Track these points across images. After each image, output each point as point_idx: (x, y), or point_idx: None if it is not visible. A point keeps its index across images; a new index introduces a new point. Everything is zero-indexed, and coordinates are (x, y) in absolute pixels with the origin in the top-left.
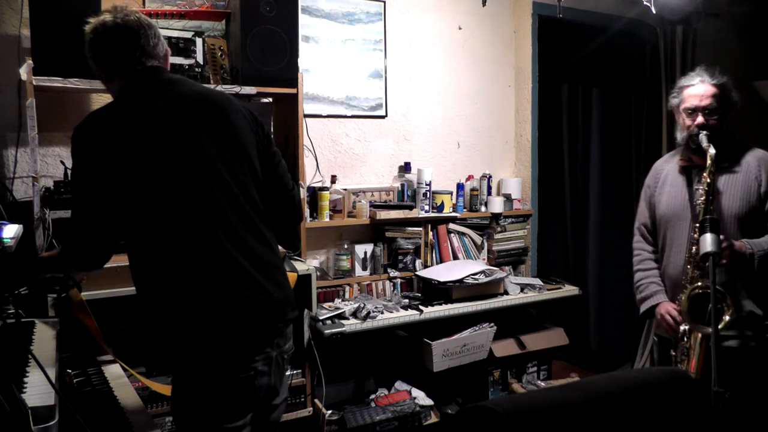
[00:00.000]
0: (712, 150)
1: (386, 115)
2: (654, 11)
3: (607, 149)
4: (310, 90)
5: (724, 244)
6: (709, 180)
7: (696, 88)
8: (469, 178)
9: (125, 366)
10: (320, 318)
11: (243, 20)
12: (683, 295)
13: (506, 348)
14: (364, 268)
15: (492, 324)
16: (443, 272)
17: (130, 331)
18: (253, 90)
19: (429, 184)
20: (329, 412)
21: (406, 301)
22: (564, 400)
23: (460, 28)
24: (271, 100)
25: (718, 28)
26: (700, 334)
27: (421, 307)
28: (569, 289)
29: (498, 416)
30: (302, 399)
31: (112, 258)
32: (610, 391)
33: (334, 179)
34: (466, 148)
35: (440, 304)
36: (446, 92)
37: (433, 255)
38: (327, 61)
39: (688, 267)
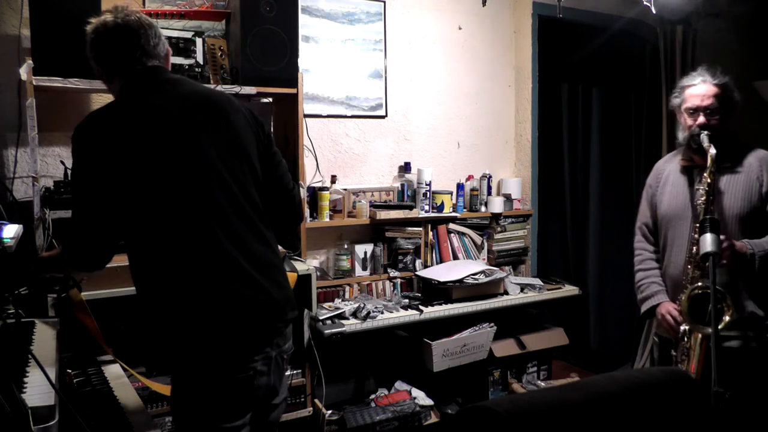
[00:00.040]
0: (712, 150)
1: (386, 115)
2: (654, 11)
3: (607, 149)
4: (310, 90)
5: (725, 244)
6: (709, 180)
7: (697, 88)
8: (469, 178)
9: (125, 366)
10: (320, 318)
11: (243, 20)
12: (683, 295)
13: (506, 348)
14: (364, 268)
15: (492, 324)
16: (443, 272)
17: (130, 331)
18: (253, 90)
19: (429, 184)
20: (329, 412)
21: (406, 301)
22: (564, 400)
23: (460, 28)
24: (271, 100)
25: (718, 28)
26: (701, 335)
27: (421, 307)
28: (569, 289)
29: (498, 416)
30: (302, 399)
31: (113, 258)
32: (610, 391)
33: (334, 179)
34: (466, 148)
35: (440, 304)
36: (446, 92)
37: (433, 255)
38: (327, 61)
39: (689, 267)
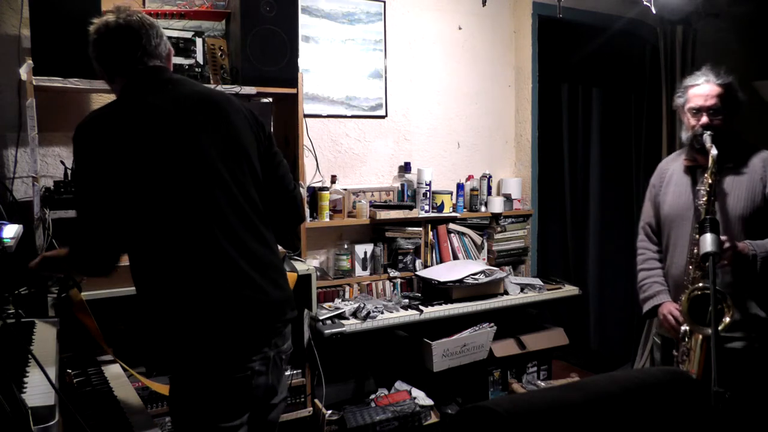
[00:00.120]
0: (714, 151)
1: (386, 115)
2: (654, 11)
3: (607, 149)
4: (310, 90)
5: (727, 244)
6: (710, 181)
7: (701, 88)
8: (469, 178)
9: (125, 366)
10: (320, 318)
11: (243, 20)
12: (683, 296)
13: (506, 348)
14: (364, 268)
15: (492, 324)
16: (443, 272)
17: (130, 331)
18: (253, 90)
19: (429, 184)
20: (329, 412)
21: (406, 301)
22: (564, 400)
23: (460, 28)
24: (271, 100)
25: (718, 28)
26: (701, 336)
27: (421, 307)
28: (569, 289)
29: (498, 416)
30: (302, 399)
31: (118, 262)
32: (610, 391)
33: (334, 179)
34: (466, 148)
35: (440, 304)
36: (446, 92)
37: (433, 255)
38: (327, 61)
39: (690, 267)
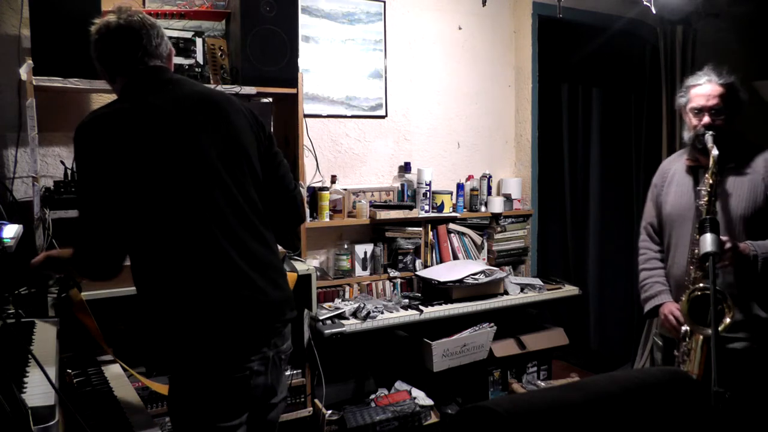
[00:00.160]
0: (715, 151)
1: (386, 115)
2: (654, 11)
3: (607, 149)
4: (310, 90)
5: (728, 245)
6: (711, 181)
7: (703, 88)
8: (469, 178)
9: (125, 366)
10: (320, 318)
11: (243, 20)
12: (684, 296)
13: (506, 348)
14: (364, 268)
15: (492, 324)
16: (443, 272)
17: (130, 331)
18: (253, 90)
19: (429, 184)
20: (329, 412)
21: (406, 301)
22: (564, 400)
23: (460, 28)
24: (271, 100)
25: (718, 28)
26: (701, 336)
27: (421, 307)
28: (569, 289)
29: (498, 416)
30: (302, 399)
31: (122, 266)
32: (610, 391)
33: (334, 179)
34: (466, 148)
35: (440, 304)
36: (446, 92)
37: (433, 255)
38: (327, 61)
39: (691, 268)
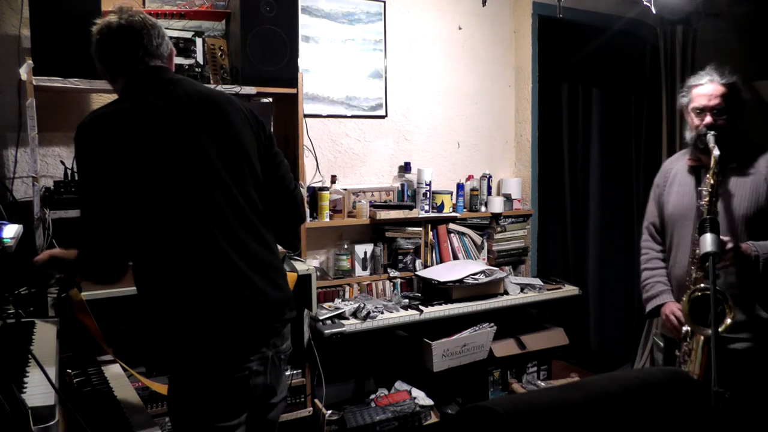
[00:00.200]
0: (716, 151)
1: (386, 115)
2: (654, 11)
3: (607, 149)
4: (310, 90)
5: (730, 245)
6: (712, 181)
7: (704, 88)
8: (469, 178)
9: (125, 366)
10: (320, 318)
11: (243, 20)
12: (684, 296)
13: (506, 348)
14: (364, 268)
15: (492, 324)
16: (443, 272)
17: (130, 331)
18: (253, 90)
19: (429, 184)
20: (329, 412)
21: (406, 301)
22: (564, 400)
23: (460, 28)
24: (271, 100)
25: (718, 28)
26: (702, 336)
27: (421, 307)
28: (569, 289)
29: (498, 416)
30: (302, 399)
31: (127, 269)
32: (610, 391)
33: (334, 179)
34: (466, 148)
35: (440, 304)
36: (446, 92)
37: (433, 255)
38: (327, 61)
39: (692, 268)
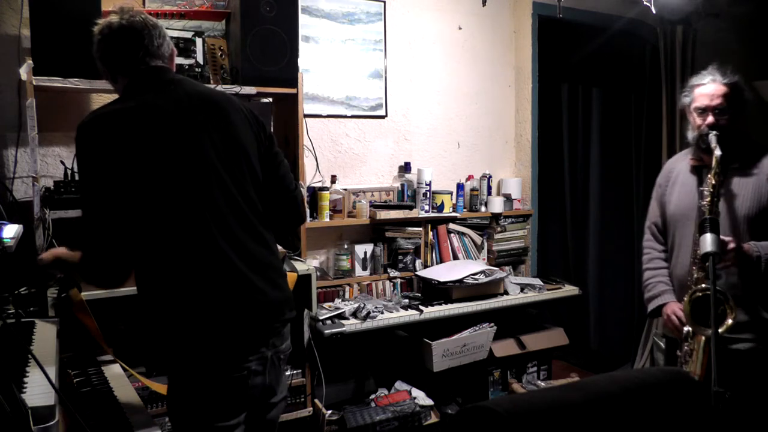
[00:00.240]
0: (717, 151)
1: (386, 115)
2: (654, 11)
3: (607, 149)
4: (310, 90)
5: (731, 245)
6: (713, 181)
7: (706, 88)
8: (469, 178)
9: (125, 366)
10: (320, 318)
11: (243, 20)
12: (685, 297)
13: (506, 348)
14: (364, 268)
15: (492, 324)
16: (443, 272)
17: (130, 331)
18: (253, 90)
19: (429, 184)
20: (329, 412)
21: (406, 301)
22: (564, 400)
23: (460, 28)
24: (271, 100)
25: (718, 28)
26: (703, 337)
27: (421, 307)
28: (569, 289)
29: (498, 416)
30: (302, 399)
31: (130, 273)
32: (610, 391)
33: (334, 179)
34: (466, 148)
35: (440, 304)
36: (446, 92)
37: (433, 255)
38: (327, 61)
39: (694, 268)
